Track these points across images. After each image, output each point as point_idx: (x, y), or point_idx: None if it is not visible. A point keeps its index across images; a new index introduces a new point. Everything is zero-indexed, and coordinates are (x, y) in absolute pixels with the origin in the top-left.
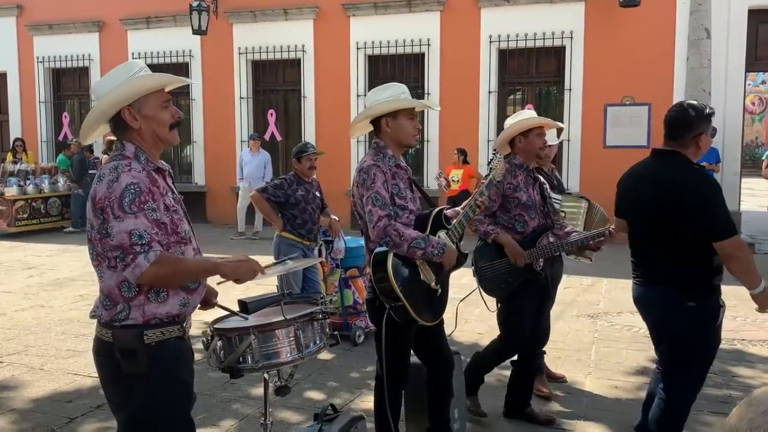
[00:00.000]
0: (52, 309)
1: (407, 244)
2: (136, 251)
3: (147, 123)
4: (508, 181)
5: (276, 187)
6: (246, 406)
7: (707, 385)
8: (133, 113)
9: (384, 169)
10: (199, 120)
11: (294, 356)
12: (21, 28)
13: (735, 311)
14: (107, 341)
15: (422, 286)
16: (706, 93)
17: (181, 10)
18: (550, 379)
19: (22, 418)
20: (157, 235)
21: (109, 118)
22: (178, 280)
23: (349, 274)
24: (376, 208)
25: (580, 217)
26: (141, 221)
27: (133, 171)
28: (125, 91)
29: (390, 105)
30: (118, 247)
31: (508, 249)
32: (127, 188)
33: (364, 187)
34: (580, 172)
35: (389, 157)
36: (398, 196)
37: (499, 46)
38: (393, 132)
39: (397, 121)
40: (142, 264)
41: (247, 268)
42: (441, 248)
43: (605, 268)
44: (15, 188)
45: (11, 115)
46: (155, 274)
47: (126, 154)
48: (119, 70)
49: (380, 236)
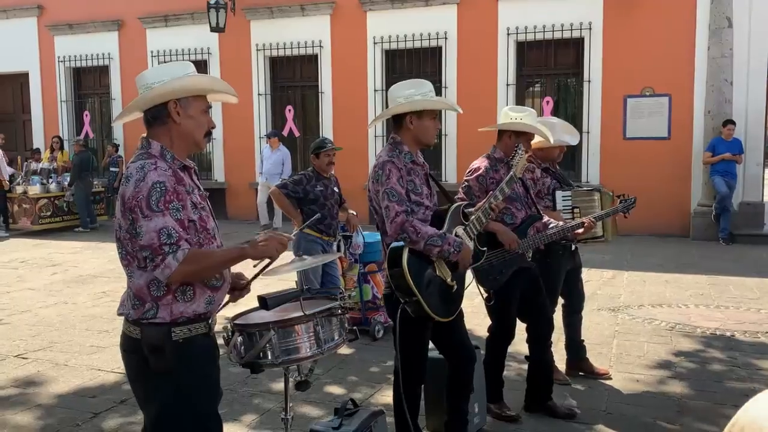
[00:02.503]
0: (75, 306)
1: (424, 241)
2: (165, 251)
3: (188, 122)
4: (491, 176)
5: (295, 183)
6: (267, 400)
7: (730, 378)
8: (179, 108)
9: (399, 165)
10: (218, 117)
11: (314, 351)
12: (42, 28)
13: (759, 303)
14: (135, 338)
15: (437, 282)
16: (728, 83)
17: (198, 8)
18: (594, 374)
19: (47, 413)
20: (186, 233)
21: (151, 106)
22: (208, 273)
23: (368, 269)
24: (393, 204)
25: (596, 208)
26: (169, 219)
27: (160, 170)
28: (184, 84)
29: (417, 104)
30: (148, 247)
31: (501, 235)
32: (154, 187)
33: (378, 182)
34: (600, 164)
35: (405, 153)
36: (413, 192)
37: (517, 38)
38: (415, 130)
39: (421, 120)
40: (172, 264)
41: (274, 244)
42: (457, 246)
43: (626, 262)
44: (38, 186)
45: (33, 115)
46: (185, 272)
47: (152, 152)
48: (175, 65)
49: (397, 232)
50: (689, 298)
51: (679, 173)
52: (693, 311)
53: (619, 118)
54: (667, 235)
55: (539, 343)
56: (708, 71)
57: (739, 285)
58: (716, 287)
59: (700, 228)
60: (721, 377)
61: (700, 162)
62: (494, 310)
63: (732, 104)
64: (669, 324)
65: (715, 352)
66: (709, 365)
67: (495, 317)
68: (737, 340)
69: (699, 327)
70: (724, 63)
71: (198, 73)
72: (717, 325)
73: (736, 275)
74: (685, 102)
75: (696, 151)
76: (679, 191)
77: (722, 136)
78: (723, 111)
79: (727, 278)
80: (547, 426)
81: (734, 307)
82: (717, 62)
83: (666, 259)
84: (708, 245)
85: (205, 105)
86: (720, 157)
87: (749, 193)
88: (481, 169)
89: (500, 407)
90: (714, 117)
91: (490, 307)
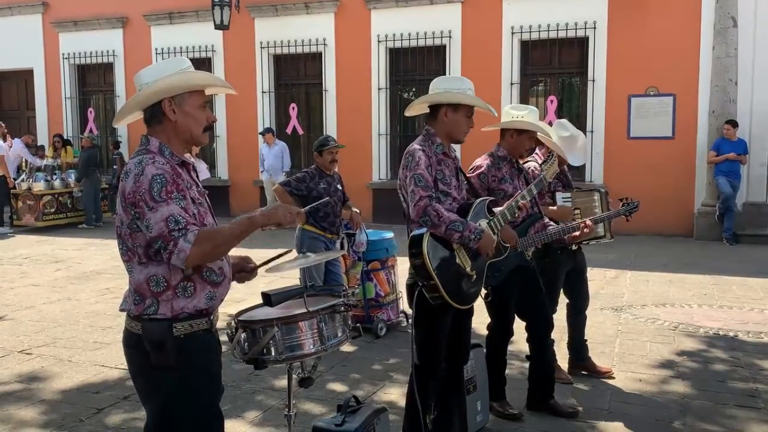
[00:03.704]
0: (79, 302)
1: (445, 226)
2: (176, 237)
3: (184, 118)
4: (493, 174)
5: (299, 181)
6: (270, 397)
7: (733, 378)
8: (173, 106)
9: (429, 153)
10: (222, 114)
11: (317, 348)
12: (47, 25)
13: (763, 304)
14: (137, 333)
15: (456, 269)
16: (733, 83)
17: (203, 6)
18: (597, 373)
19: (51, 408)
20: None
21: (147, 106)
22: (223, 249)
23: (371, 267)
24: (418, 188)
25: (596, 210)
26: (173, 207)
27: (158, 163)
28: (174, 82)
29: (457, 97)
30: (159, 237)
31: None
32: (154, 179)
33: (408, 168)
34: (603, 163)
35: (438, 144)
36: (442, 182)
37: (521, 37)
38: (449, 123)
39: (456, 114)
40: (185, 247)
41: (283, 212)
42: (478, 234)
43: (629, 261)
44: (42, 183)
45: (38, 111)
46: (201, 253)
47: (150, 148)
48: (169, 63)
49: (419, 215)
50: (692, 297)
51: (683, 173)
52: (696, 311)
53: (624, 117)
54: (671, 235)
55: (538, 342)
56: (713, 71)
57: (742, 285)
58: (719, 287)
59: (703, 228)
60: (723, 377)
61: (704, 162)
62: (492, 308)
63: (736, 104)
64: (672, 324)
65: (718, 352)
66: (711, 365)
67: (493, 315)
68: (740, 340)
69: (702, 327)
70: (728, 63)
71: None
72: (720, 325)
73: (740, 275)
74: (690, 102)
75: (700, 151)
76: (682, 191)
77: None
78: (727, 111)
79: (730, 278)
80: (549, 424)
81: (737, 307)
82: (722, 62)
83: (669, 259)
84: (712, 245)
85: (202, 100)
86: (724, 157)
87: (753, 194)
88: (483, 167)
89: (503, 405)
90: (718, 117)
91: (488, 304)
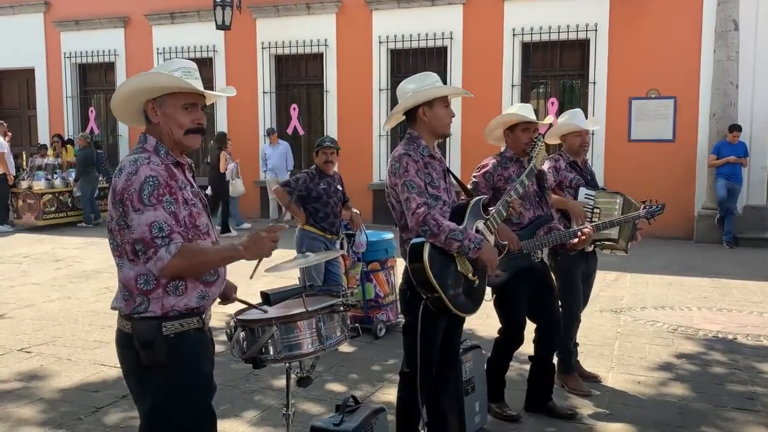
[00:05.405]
0: (78, 301)
1: (445, 235)
2: (158, 244)
3: (165, 120)
4: (498, 173)
5: (298, 181)
6: (268, 397)
7: (731, 381)
8: (155, 108)
9: (416, 158)
10: (223, 115)
11: (315, 347)
12: (48, 24)
13: (762, 307)
14: (127, 332)
15: (459, 277)
16: (734, 86)
17: (204, 6)
18: (583, 378)
19: (50, 407)
20: (178, 226)
21: (132, 106)
22: (201, 270)
23: (371, 268)
24: (413, 195)
25: (615, 213)
26: (161, 213)
27: (152, 164)
28: (139, 83)
29: (427, 93)
30: (140, 240)
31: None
32: (146, 181)
33: (396, 175)
34: (604, 166)
35: (423, 146)
36: (431, 185)
37: (522, 39)
38: (430, 120)
39: (433, 110)
40: (164, 257)
41: (265, 245)
42: (477, 244)
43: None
44: (43, 182)
45: (39, 110)
46: (178, 266)
47: (146, 147)
48: (163, 63)
49: (419, 224)
50: (692, 300)
51: (683, 176)
52: (695, 314)
53: (624, 120)
54: (671, 238)
55: (545, 343)
56: (714, 74)
57: (742, 288)
58: (719, 290)
59: (703, 231)
60: (722, 380)
61: (704, 165)
62: (499, 310)
63: (737, 107)
64: (671, 326)
65: (717, 355)
66: (710, 368)
67: (502, 318)
68: (739, 343)
69: (701, 330)
70: (730, 66)
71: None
72: (719, 328)
73: (740, 278)
74: (691, 105)
75: (701, 154)
76: (683, 194)
77: (727, 140)
78: (728, 114)
79: (730, 281)
80: (548, 426)
81: (737, 311)
82: (723, 65)
83: (669, 262)
84: (712, 248)
85: (185, 101)
86: (725, 160)
87: (754, 197)
88: (488, 166)
89: (501, 407)
90: (719, 120)
91: (496, 306)
